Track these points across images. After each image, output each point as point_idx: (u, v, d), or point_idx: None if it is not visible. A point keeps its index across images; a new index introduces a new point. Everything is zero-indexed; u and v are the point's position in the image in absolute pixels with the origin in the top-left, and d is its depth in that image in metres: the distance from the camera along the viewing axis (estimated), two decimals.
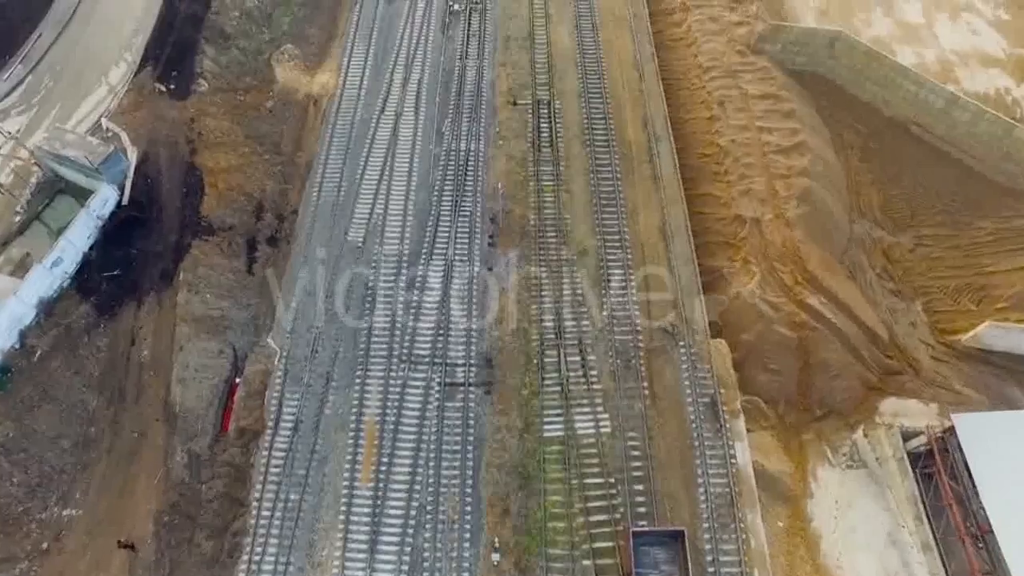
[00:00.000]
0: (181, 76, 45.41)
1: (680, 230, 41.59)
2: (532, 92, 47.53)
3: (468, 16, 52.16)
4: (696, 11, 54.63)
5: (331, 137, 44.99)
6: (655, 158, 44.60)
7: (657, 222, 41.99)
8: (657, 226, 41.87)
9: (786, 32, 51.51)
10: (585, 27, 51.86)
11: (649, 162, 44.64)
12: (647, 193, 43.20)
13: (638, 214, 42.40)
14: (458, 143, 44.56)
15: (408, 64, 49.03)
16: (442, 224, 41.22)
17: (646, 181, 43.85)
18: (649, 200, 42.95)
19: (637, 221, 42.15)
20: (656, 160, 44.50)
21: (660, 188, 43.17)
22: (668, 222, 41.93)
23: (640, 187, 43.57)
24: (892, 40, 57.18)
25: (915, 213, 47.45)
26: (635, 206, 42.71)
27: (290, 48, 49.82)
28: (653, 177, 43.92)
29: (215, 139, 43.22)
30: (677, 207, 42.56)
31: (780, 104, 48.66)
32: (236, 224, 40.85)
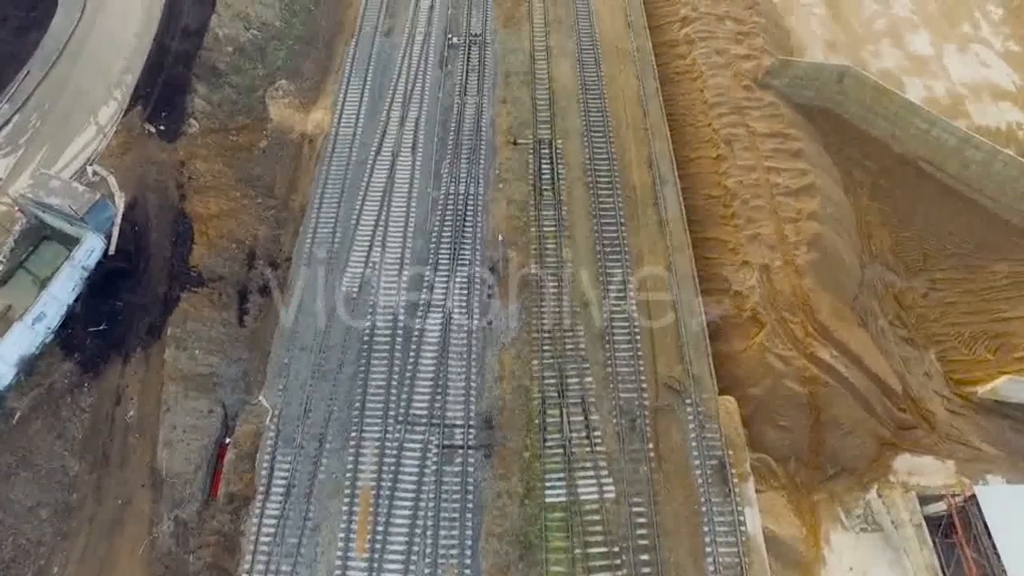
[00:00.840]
0: (171, 116, 44.05)
1: (687, 279, 40.18)
2: (533, 131, 46.17)
3: (467, 50, 50.84)
4: (701, 44, 53.30)
5: (325, 180, 43.61)
6: (660, 202, 43.22)
7: (662, 272, 40.47)
8: (664, 275, 40.36)
9: (794, 67, 50.22)
10: (588, 61, 50.53)
11: (654, 205, 43.27)
12: (652, 239, 41.84)
13: (643, 261, 40.96)
14: (457, 186, 43.18)
15: (405, 101, 47.68)
16: (440, 272, 39.72)
17: (651, 226, 42.49)
18: (654, 247, 41.58)
19: (642, 270, 40.69)
20: (661, 204, 43.09)
21: (666, 234, 41.78)
22: (674, 271, 40.44)
23: (645, 233, 42.19)
24: (901, 72, 56.03)
25: (927, 256, 46.07)
26: (640, 253, 41.35)
27: (284, 84, 48.48)
28: (658, 222, 42.57)
29: (206, 183, 41.80)
30: (683, 255, 41.16)
31: (788, 143, 47.30)
32: (227, 274, 39.44)
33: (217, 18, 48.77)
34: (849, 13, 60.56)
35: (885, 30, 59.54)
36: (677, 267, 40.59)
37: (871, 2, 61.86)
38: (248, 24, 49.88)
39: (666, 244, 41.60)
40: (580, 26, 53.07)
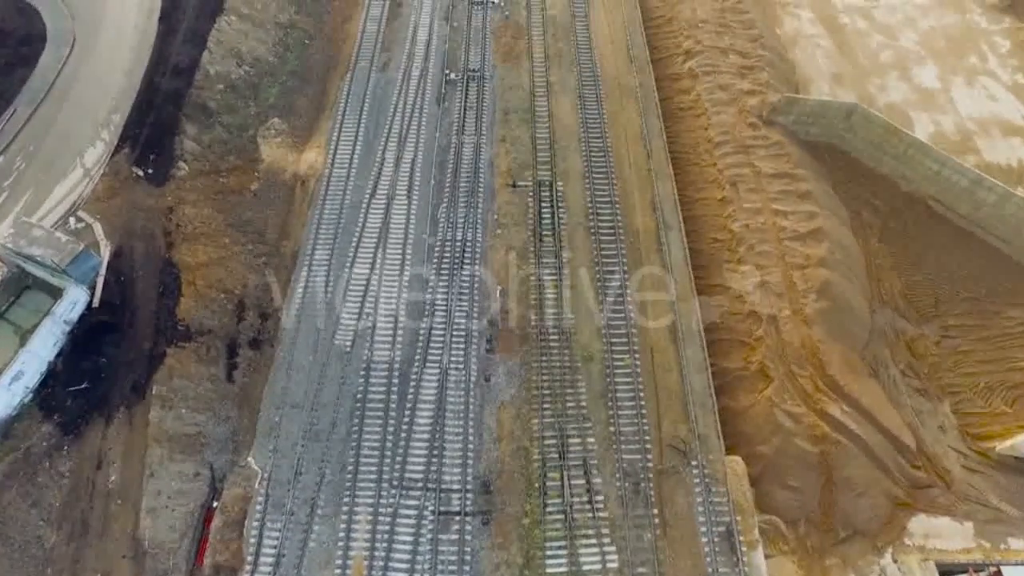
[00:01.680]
0: (160, 159, 42.70)
1: (692, 333, 38.74)
2: (533, 172, 44.83)
3: (465, 86, 49.54)
4: (705, 79, 52.03)
5: (318, 225, 42.24)
6: (664, 248, 41.77)
7: (667, 321, 39.03)
8: (667, 326, 38.93)
9: (800, 104, 48.96)
10: (589, 98, 49.26)
11: (658, 252, 41.85)
12: (657, 288, 40.29)
13: (647, 312, 39.47)
14: (454, 231, 41.80)
15: (401, 140, 46.34)
16: (436, 326, 38.27)
17: (655, 274, 40.97)
18: (659, 297, 40.03)
19: (647, 320, 39.20)
20: (666, 251, 41.66)
21: (670, 282, 40.25)
22: (679, 323, 38.97)
23: (649, 281, 40.66)
24: (908, 106, 54.87)
25: (939, 301, 44.66)
26: (643, 302, 39.79)
27: (277, 123, 47.15)
28: (663, 269, 41.02)
29: (194, 230, 40.38)
30: (688, 305, 39.69)
31: (795, 184, 45.97)
32: (215, 327, 37.94)
33: (209, 55, 47.45)
34: (855, 45, 59.41)
35: (892, 63, 58.36)
36: (682, 319, 39.04)
37: (877, 34, 60.72)
38: (240, 60, 48.57)
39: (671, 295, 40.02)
40: (581, 60, 51.83)
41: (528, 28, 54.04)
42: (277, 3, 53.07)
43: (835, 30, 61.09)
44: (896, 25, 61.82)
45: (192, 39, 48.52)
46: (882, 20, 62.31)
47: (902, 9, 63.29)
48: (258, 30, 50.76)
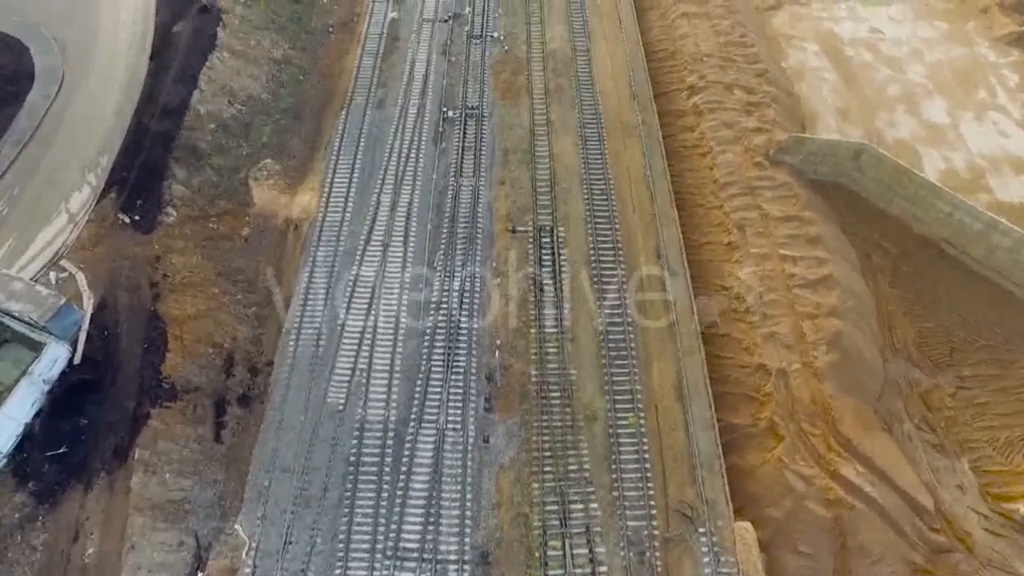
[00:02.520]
0: (148, 204, 41.29)
1: (699, 388, 37.22)
2: (533, 216, 43.40)
3: (464, 124, 48.20)
4: (710, 115, 50.72)
5: (311, 273, 40.76)
6: (669, 296, 40.18)
7: (673, 378, 37.55)
8: (673, 383, 37.47)
9: (808, 144, 47.65)
10: (591, 137, 47.93)
11: (664, 303, 40.24)
12: (662, 341, 38.79)
13: (651, 366, 37.97)
14: (451, 280, 40.21)
15: (397, 182, 44.96)
16: (433, 383, 36.68)
17: (660, 325, 39.44)
18: (664, 349, 38.60)
19: (651, 375, 37.74)
20: (670, 298, 40.09)
21: (676, 334, 38.76)
22: (685, 377, 37.44)
23: (653, 333, 39.13)
24: (917, 142, 53.60)
25: (954, 349, 43.13)
26: (648, 357, 38.31)
27: (269, 163, 45.77)
28: (668, 320, 39.49)
29: (182, 280, 38.89)
30: (695, 358, 38.17)
31: (804, 228, 44.55)
32: (202, 383, 36.35)
33: (199, 94, 46.14)
34: (861, 78, 58.23)
35: (899, 97, 57.18)
36: (688, 374, 37.47)
37: (883, 67, 59.57)
38: (233, 99, 47.28)
39: (676, 346, 38.59)
40: (582, 97, 50.57)
41: (528, 63, 52.84)
42: (271, 39, 51.83)
43: (841, 63, 59.95)
44: (903, 58, 60.68)
45: (183, 77, 47.18)
46: (888, 53, 61.18)
47: (908, 42, 62.20)
48: (251, 67, 49.49)
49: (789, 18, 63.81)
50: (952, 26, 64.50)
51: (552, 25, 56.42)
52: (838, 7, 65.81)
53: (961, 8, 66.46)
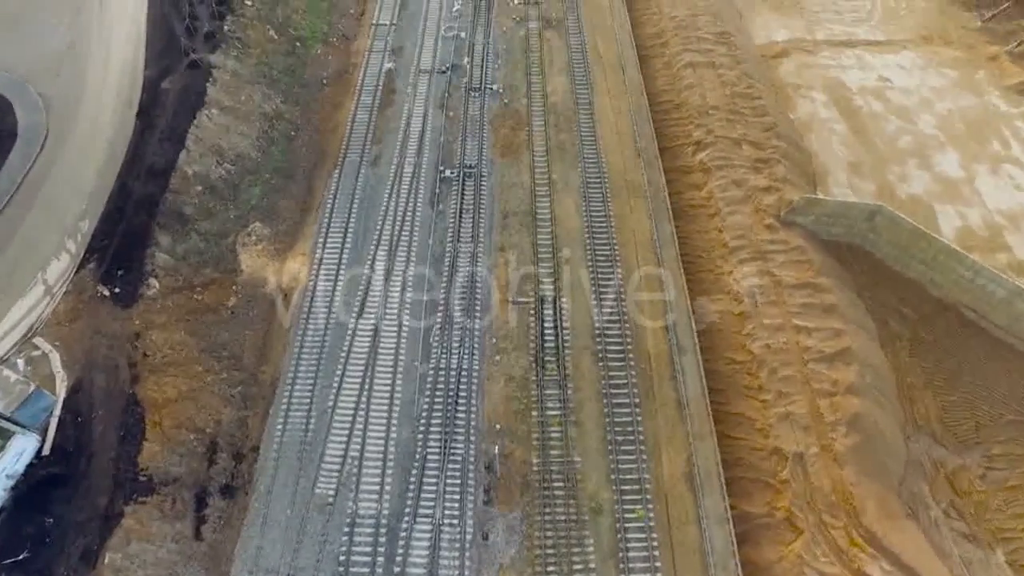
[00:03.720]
0: (129, 275, 39.16)
1: (711, 478, 34.84)
2: (534, 285, 41.29)
3: (461, 184, 46.24)
4: (718, 173, 48.85)
5: (300, 348, 38.54)
6: (678, 375, 38.06)
7: (683, 465, 35.25)
8: (683, 471, 35.07)
9: (820, 205, 45.76)
10: (594, 197, 45.99)
11: (672, 379, 38.15)
12: (671, 424, 36.59)
13: (660, 453, 35.70)
14: (448, 358, 38.03)
15: (392, 248, 42.93)
16: (429, 473, 34.29)
17: (669, 406, 37.30)
18: (673, 434, 36.29)
19: (660, 463, 35.44)
20: (680, 378, 37.94)
21: (686, 418, 36.58)
22: (696, 465, 35.11)
23: (662, 415, 36.98)
24: (931, 198, 51.71)
25: (980, 425, 40.80)
26: (657, 442, 36.05)
27: (258, 227, 43.73)
28: (677, 401, 37.39)
29: (163, 358, 36.64)
30: (707, 444, 35.93)
31: (819, 295, 42.42)
32: (182, 474, 33.97)
33: (187, 154, 44.23)
34: (871, 130, 56.52)
35: (911, 149, 55.41)
36: (700, 461, 35.12)
37: (894, 118, 57.91)
38: (221, 158, 45.37)
39: (686, 430, 36.19)
40: (585, 154, 48.69)
41: (528, 117, 51.06)
42: (263, 93, 50.07)
43: (850, 114, 58.28)
44: (912, 108, 59.05)
45: (170, 136, 45.31)
46: (897, 102, 59.58)
47: (917, 91, 60.64)
48: (241, 123, 47.65)
49: (796, 66, 62.29)
50: (961, 74, 63.02)
51: (553, 76, 54.78)
52: (845, 54, 64.33)
53: (969, 56, 65.04)
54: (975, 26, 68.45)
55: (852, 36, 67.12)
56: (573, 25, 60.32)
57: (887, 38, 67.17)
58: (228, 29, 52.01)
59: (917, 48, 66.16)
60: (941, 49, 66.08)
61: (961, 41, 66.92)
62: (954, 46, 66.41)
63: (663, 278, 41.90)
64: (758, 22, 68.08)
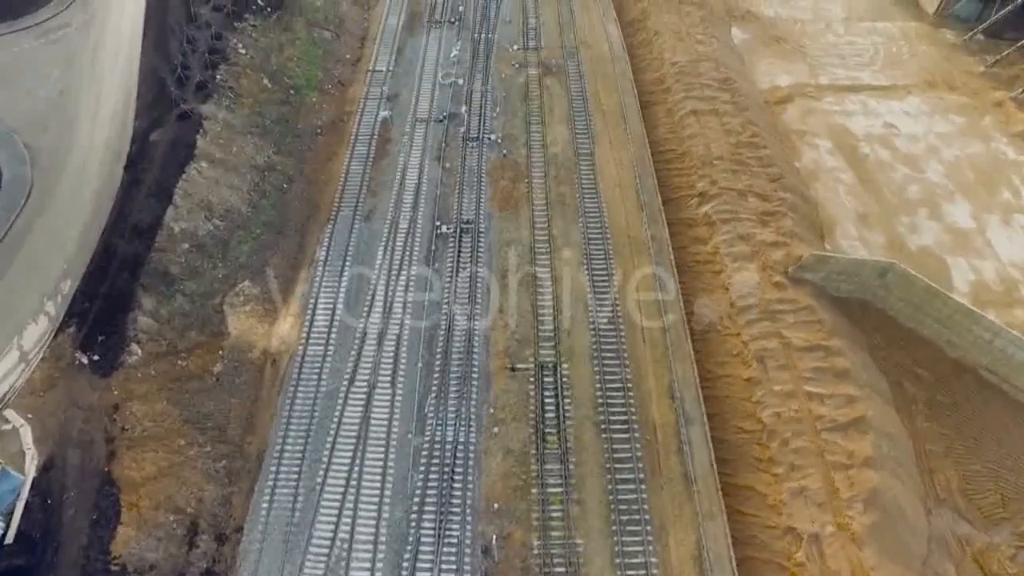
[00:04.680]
0: (110, 341, 37.42)
1: (722, 560, 32.79)
2: (534, 351, 39.49)
3: (459, 241, 44.64)
4: (723, 227, 47.31)
5: (289, 418, 36.70)
6: (685, 448, 36.10)
7: (692, 547, 33.17)
8: (692, 554, 32.98)
9: (830, 263, 44.14)
10: (596, 255, 44.38)
11: (678, 452, 36.21)
12: (678, 502, 34.57)
13: (667, 534, 33.66)
14: (444, 430, 36.14)
15: (386, 310, 41.11)
16: (423, 558, 32.13)
17: (676, 481, 35.31)
18: (681, 512, 34.26)
19: (667, 545, 33.31)
20: (687, 451, 35.96)
21: (693, 495, 34.56)
22: (705, 546, 32.98)
23: (668, 491, 34.97)
24: (942, 250, 50.19)
25: (1007, 498, 38.74)
26: (663, 522, 34.00)
27: (247, 286, 42.05)
28: (684, 476, 35.41)
29: (143, 432, 34.77)
30: (716, 523, 33.89)
31: (830, 359, 40.59)
32: (160, 560, 31.91)
33: (174, 210, 42.71)
34: (879, 179, 55.27)
35: (920, 199, 54.07)
36: (709, 542, 33.00)
37: (901, 166, 56.70)
38: (210, 213, 43.85)
39: (695, 508, 34.10)
40: (587, 208, 47.25)
41: (528, 169, 49.64)
42: (255, 144, 48.75)
43: (856, 162, 57.06)
44: (920, 155, 57.88)
45: (157, 192, 43.86)
46: (904, 149, 58.41)
47: (924, 138, 59.54)
48: (231, 176, 46.22)
49: (800, 112, 61.25)
50: (968, 120, 61.98)
51: (553, 125, 53.57)
52: (850, 100, 63.35)
53: (975, 102, 64.07)
54: (979, 71, 67.63)
55: (856, 81, 66.21)
56: (573, 71, 59.30)
57: (891, 83, 66.24)
58: (220, 79, 50.82)
59: (922, 93, 65.20)
60: (946, 94, 65.13)
61: (966, 86, 65.99)
62: (959, 91, 65.46)
63: (669, 341, 40.03)
64: (760, 67, 67.21)
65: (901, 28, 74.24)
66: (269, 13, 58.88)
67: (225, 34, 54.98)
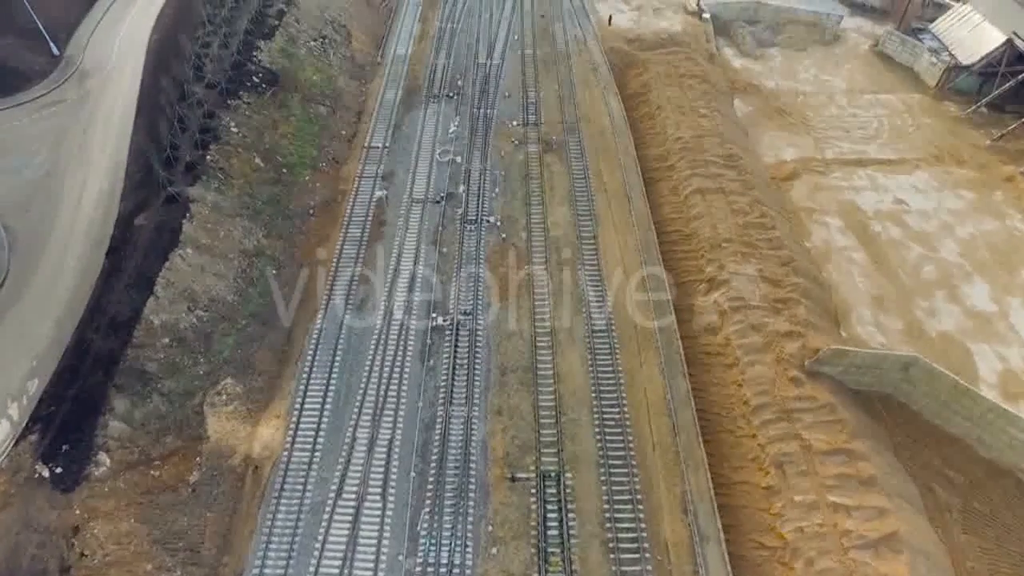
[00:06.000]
0: (75, 451, 34.56)
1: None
2: (536, 458, 36.56)
3: (455, 335, 42.10)
4: (734, 316, 44.87)
5: (269, 536, 33.56)
6: (701, 570, 32.76)
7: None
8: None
9: (849, 356, 41.60)
10: (601, 350, 41.85)
11: (694, 575, 32.65)
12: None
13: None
14: (438, 551, 32.90)
15: (377, 412, 38.35)
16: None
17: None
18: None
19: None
20: (702, 573, 32.54)
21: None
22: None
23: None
24: (964, 336, 47.70)
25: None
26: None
27: (230, 384, 39.30)
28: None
29: (105, 557, 31.57)
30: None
31: (854, 464, 37.62)
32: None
33: (155, 301, 40.31)
34: (892, 258, 53.17)
35: (936, 280, 51.85)
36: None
37: (914, 244, 54.71)
38: (193, 304, 41.44)
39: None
40: (590, 297, 44.88)
41: (529, 254, 47.49)
42: (244, 227, 46.73)
43: (868, 240, 55.09)
44: (933, 233, 55.98)
45: (138, 281, 41.60)
46: (916, 227, 56.55)
47: (936, 215, 57.78)
48: (218, 262, 44.02)
49: (808, 189, 59.66)
50: (978, 196, 60.37)
51: (554, 207, 51.74)
52: (857, 175, 61.89)
53: (984, 176, 62.66)
54: (985, 144, 66.50)
55: (862, 155, 64.96)
56: (575, 148, 57.87)
57: (898, 156, 64.96)
58: (211, 159, 49.19)
59: (930, 168, 63.82)
60: (954, 169, 63.77)
61: (973, 160, 64.72)
62: (967, 166, 64.13)
63: (680, 445, 37.10)
64: (765, 140, 66.04)
65: (904, 100, 73.54)
66: (264, 89, 57.75)
67: (218, 112, 53.66)
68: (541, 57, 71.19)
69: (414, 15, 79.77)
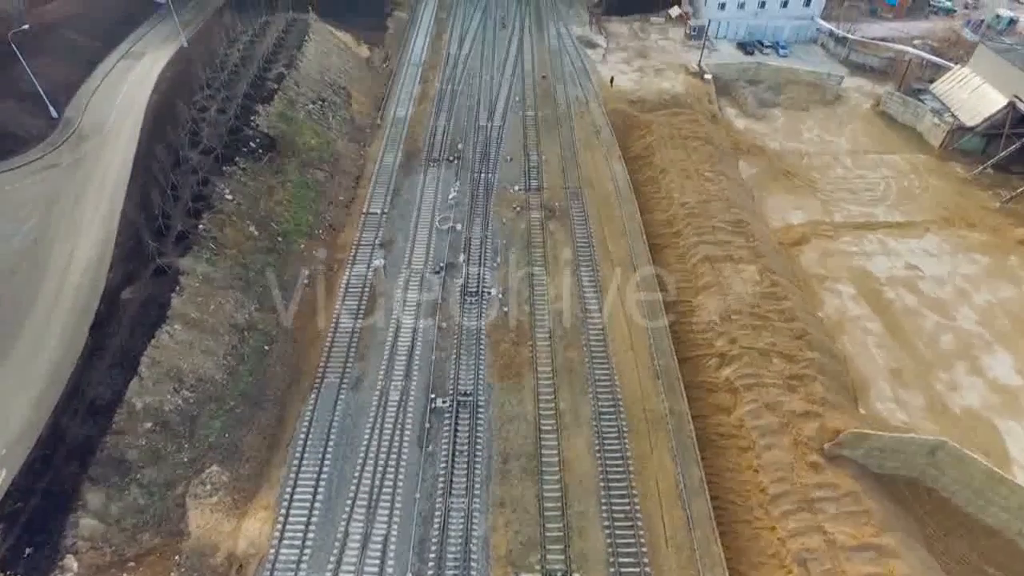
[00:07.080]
0: (40, 554, 31.92)
1: None
2: (541, 556, 33.93)
3: (455, 417, 39.79)
4: (747, 394, 42.65)
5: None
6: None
7: None
8: None
9: (871, 440, 39.24)
10: (609, 434, 39.54)
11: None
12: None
13: None
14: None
15: (372, 505, 35.76)
16: None
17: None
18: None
19: None
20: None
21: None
22: None
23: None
24: (991, 412, 45.59)
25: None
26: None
27: (215, 472, 36.81)
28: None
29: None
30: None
31: (885, 562, 35.02)
32: None
33: (138, 382, 38.14)
34: (909, 329, 51.20)
35: (955, 350, 49.81)
36: None
37: (930, 312, 52.85)
38: (180, 384, 39.25)
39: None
40: (597, 376, 42.79)
41: (532, 330, 45.48)
42: (235, 299, 44.84)
43: (882, 309, 53.25)
44: (949, 300, 54.15)
45: (122, 360, 39.48)
46: (931, 294, 54.77)
47: (950, 280, 56.15)
48: (206, 338, 41.96)
49: (818, 254, 58.12)
50: (992, 260, 58.80)
51: (558, 278, 50.04)
52: (867, 239, 60.44)
53: (996, 240, 61.23)
54: (995, 206, 65.33)
55: (871, 217, 63.68)
56: (578, 214, 56.49)
57: (907, 219, 63.67)
58: (203, 227, 47.66)
59: (941, 231, 62.45)
60: (966, 232, 62.38)
61: (984, 223, 63.40)
62: (978, 229, 62.80)
63: (695, 541, 34.45)
64: (771, 203, 64.84)
65: (909, 161, 72.72)
66: (261, 155, 56.69)
67: (212, 179, 52.43)
68: (543, 119, 70.59)
69: (415, 76, 79.61)
